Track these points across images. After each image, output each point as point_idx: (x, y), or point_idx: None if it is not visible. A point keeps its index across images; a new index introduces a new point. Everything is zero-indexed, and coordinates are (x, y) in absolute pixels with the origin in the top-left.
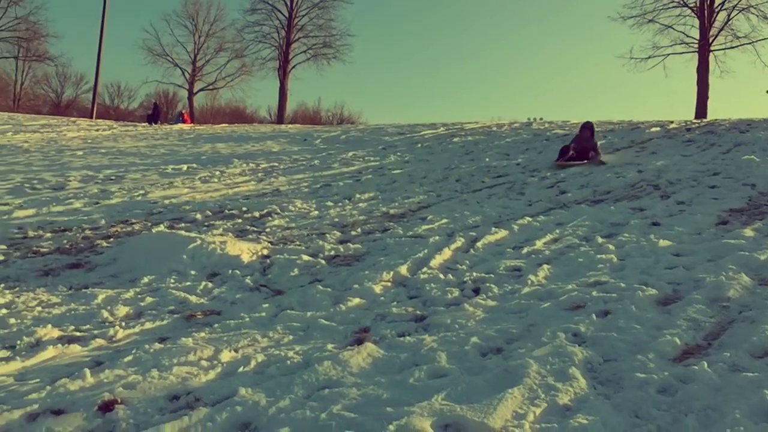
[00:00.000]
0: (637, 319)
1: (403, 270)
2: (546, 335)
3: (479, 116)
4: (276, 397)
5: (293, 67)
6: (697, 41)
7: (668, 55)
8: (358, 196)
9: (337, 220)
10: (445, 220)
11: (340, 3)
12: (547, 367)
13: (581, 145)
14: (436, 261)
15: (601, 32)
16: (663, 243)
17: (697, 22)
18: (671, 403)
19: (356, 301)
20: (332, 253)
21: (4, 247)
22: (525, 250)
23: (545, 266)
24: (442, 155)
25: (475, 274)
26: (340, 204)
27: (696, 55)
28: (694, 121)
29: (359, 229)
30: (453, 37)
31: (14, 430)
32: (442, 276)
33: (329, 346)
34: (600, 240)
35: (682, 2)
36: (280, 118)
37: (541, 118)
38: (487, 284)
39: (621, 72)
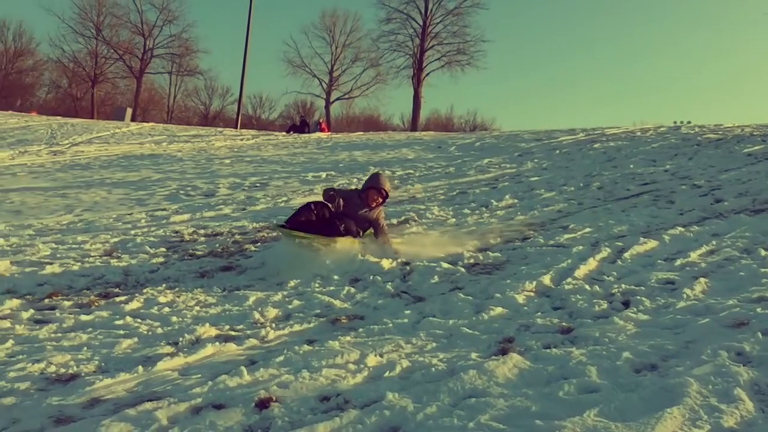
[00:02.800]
0: None
1: (546, 280)
2: (706, 353)
3: (618, 121)
4: (423, 404)
5: (427, 74)
6: None
7: None
8: (495, 203)
9: (474, 227)
10: (588, 229)
11: (475, 9)
12: (709, 387)
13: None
14: (581, 271)
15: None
16: None
17: None
18: None
19: (498, 310)
20: (471, 261)
21: (164, 249)
22: (678, 262)
23: (702, 280)
24: (582, 162)
25: (623, 286)
26: (477, 211)
27: None
28: None
29: (498, 238)
30: (585, 40)
31: (181, 421)
32: (588, 287)
33: (473, 355)
34: (763, 253)
35: None
36: (413, 126)
37: (688, 122)
38: (638, 297)
39: None
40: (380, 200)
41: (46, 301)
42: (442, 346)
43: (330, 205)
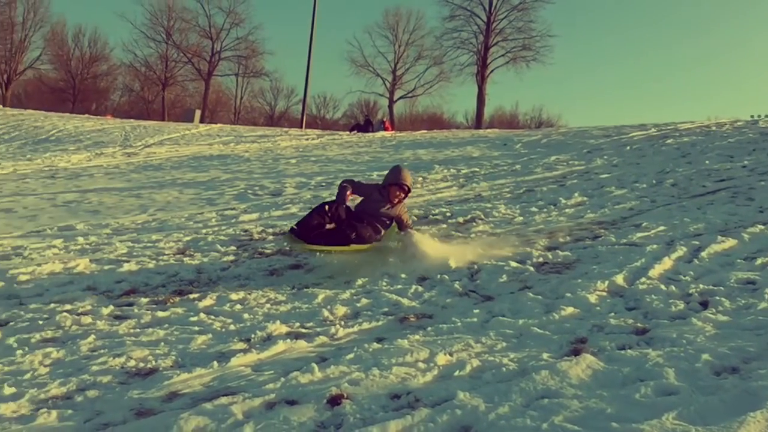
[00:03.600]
0: None
1: (619, 279)
2: None
3: (690, 115)
4: (494, 404)
5: (491, 71)
6: None
7: None
8: (563, 201)
9: (542, 226)
10: (662, 228)
11: (541, 3)
12: None
13: (374, 211)
14: (656, 271)
15: None
16: None
17: None
18: None
19: (570, 310)
20: (540, 260)
21: (234, 248)
22: (759, 262)
23: None
24: (654, 158)
25: (701, 286)
26: (545, 210)
27: None
28: None
29: (567, 236)
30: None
31: (255, 416)
32: (663, 287)
33: (545, 355)
34: None
35: None
36: (478, 123)
37: (767, 116)
38: (717, 297)
39: None
40: (402, 196)
41: (124, 297)
42: (512, 345)
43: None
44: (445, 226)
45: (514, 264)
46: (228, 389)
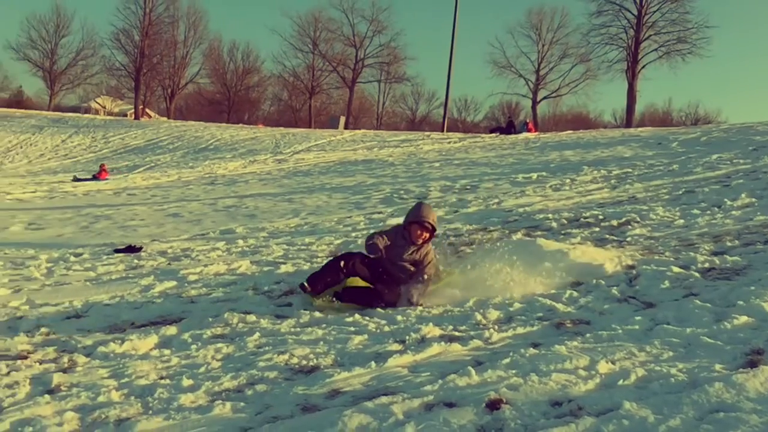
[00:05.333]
0: None
1: None
2: None
3: None
4: (664, 416)
5: (642, 67)
6: None
7: None
8: (729, 203)
9: (706, 229)
10: None
11: None
12: None
13: (395, 258)
14: None
15: None
16: None
17: None
18: None
19: (743, 319)
20: (706, 265)
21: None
22: None
23: None
24: None
25: None
26: (709, 212)
27: None
28: None
29: (736, 240)
30: None
31: (415, 417)
32: None
33: (717, 367)
34: None
35: None
36: (628, 122)
37: None
38: None
39: None
40: (426, 236)
41: (283, 298)
42: (679, 355)
43: (373, 256)
44: (597, 229)
45: (676, 269)
46: (387, 389)
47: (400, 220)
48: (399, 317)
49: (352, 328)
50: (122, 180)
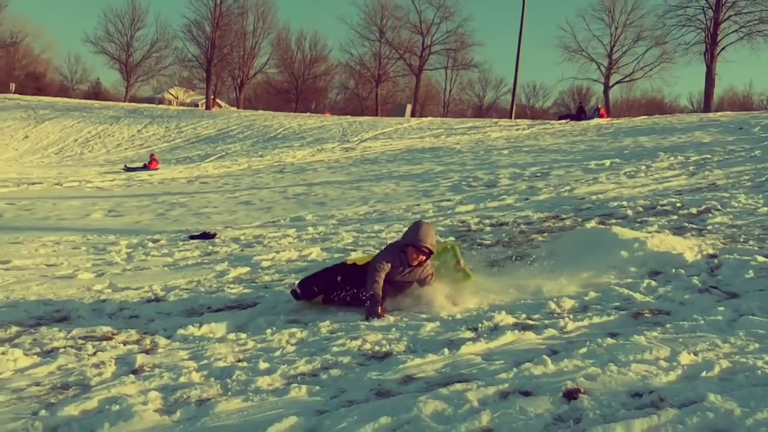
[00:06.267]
0: None
1: None
2: None
3: None
4: (751, 409)
5: (722, 49)
6: None
7: None
8: None
9: None
10: None
11: None
12: None
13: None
14: None
15: None
16: None
17: None
18: None
19: None
20: None
21: (453, 238)
22: None
23: None
24: None
25: None
26: None
27: None
28: None
29: None
30: None
31: (490, 404)
32: None
33: None
34: None
35: None
36: (706, 106)
37: None
38: None
39: None
40: (423, 258)
41: None
42: (766, 347)
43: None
44: (675, 217)
45: (761, 258)
46: (461, 376)
47: (470, 207)
48: (470, 305)
49: (424, 315)
50: (180, 170)
